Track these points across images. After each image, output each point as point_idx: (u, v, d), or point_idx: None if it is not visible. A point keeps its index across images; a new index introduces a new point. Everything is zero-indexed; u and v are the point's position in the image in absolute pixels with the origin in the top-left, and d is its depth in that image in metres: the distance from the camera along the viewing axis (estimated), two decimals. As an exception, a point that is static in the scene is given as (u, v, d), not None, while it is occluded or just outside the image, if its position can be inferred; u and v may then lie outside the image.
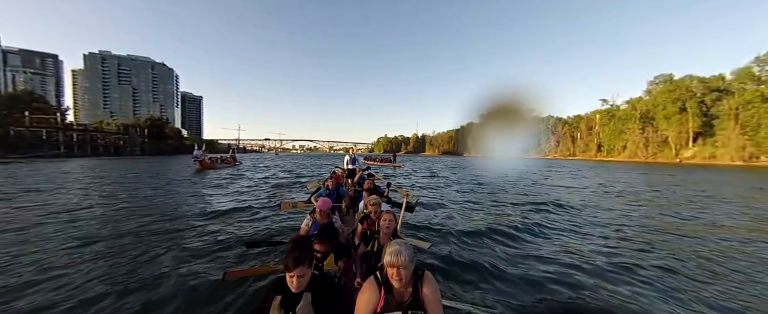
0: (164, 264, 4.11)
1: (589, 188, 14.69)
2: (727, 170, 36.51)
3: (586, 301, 3.14)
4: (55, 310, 3.02)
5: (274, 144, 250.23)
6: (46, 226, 6.36)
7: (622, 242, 5.48)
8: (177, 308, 3.03)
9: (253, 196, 10.86)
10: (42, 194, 10.96)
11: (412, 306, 1.48)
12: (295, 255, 1.49)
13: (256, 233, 5.84)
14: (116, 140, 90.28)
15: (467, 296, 3.22)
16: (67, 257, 4.47)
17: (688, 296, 3.46)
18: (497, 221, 6.79)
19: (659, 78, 73.57)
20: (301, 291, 1.55)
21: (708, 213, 8.41)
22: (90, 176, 19.21)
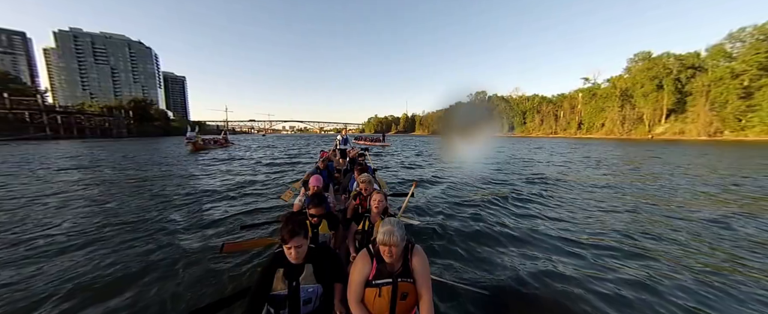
0: (164, 240, 4.24)
1: (560, 163, 15.69)
2: (693, 144, 38.86)
3: (561, 280, 3.15)
4: (60, 282, 3.12)
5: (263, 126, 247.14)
6: (49, 206, 6.54)
7: (599, 216, 5.68)
8: (178, 280, 3.10)
9: (248, 176, 10.98)
10: (41, 174, 11.25)
11: (401, 275, 1.58)
12: (290, 228, 1.57)
13: (252, 211, 5.94)
14: (101, 122, 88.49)
15: (452, 272, 3.29)
16: (70, 234, 4.61)
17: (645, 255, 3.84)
18: (481, 200, 6.95)
19: (638, 55, 75.99)
20: (302, 262, 1.65)
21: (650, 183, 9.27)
22: (82, 157, 19.19)
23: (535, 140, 57.81)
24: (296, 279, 1.62)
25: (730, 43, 60.77)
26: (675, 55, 69.24)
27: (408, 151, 26.05)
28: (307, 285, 1.64)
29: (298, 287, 1.62)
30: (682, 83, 67.44)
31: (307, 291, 1.65)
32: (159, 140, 59.94)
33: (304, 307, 1.65)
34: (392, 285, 1.56)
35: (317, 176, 3.41)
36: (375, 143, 34.21)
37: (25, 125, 70.31)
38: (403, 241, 1.55)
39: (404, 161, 17.10)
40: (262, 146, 35.74)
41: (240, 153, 22.88)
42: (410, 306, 1.63)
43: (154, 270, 3.34)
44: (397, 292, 1.57)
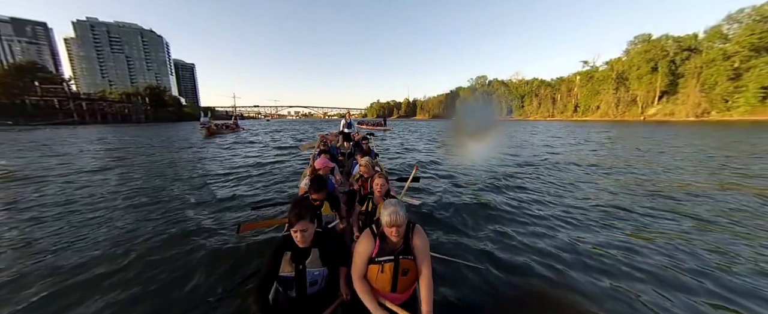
0: (185, 219, 4.45)
1: (555, 144, 16.11)
2: (680, 125, 40.01)
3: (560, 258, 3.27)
4: (84, 256, 3.36)
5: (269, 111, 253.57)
6: (80, 183, 7.08)
7: (590, 193, 5.87)
8: (199, 259, 3.25)
9: (260, 158, 11.57)
10: (80, 155, 12.46)
11: (403, 252, 1.67)
12: (296, 211, 1.63)
13: (265, 191, 6.30)
14: (121, 109, 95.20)
15: (450, 248, 3.48)
16: (97, 211, 4.91)
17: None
18: (479, 180, 7.19)
19: (638, 38, 75.83)
20: (309, 246, 1.71)
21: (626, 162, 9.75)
22: (109, 141, 20.72)
23: (532, 123, 59.08)
24: (303, 262, 1.70)
25: (728, 25, 60.69)
26: (673, 38, 69.17)
27: (408, 135, 27.34)
28: (313, 268, 1.71)
29: (304, 270, 1.69)
30: (677, 65, 67.83)
31: (313, 274, 1.72)
32: (174, 125, 63.52)
33: (310, 288, 1.74)
34: (394, 262, 1.65)
35: (323, 159, 3.44)
36: (377, 127, 34.60)
37: (55, 111, 77.45)
38: (406, 219, 1.63)
39: (403, 143, 18.06)
40: (270, 131, 36.79)
41: (251, 138, 23.86)
42: (411, 281, 1.72)
43: (172, 247, 3.50)
44: (399, 268, 1.65)
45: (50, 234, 4.05)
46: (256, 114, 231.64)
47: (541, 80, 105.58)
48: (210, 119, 30.87)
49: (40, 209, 5.22)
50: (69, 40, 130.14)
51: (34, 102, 74.21)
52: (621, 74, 77.96)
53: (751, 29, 54.49)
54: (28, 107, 71.72)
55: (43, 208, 5.26)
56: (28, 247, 3.69)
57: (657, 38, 71.70)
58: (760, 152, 11.75)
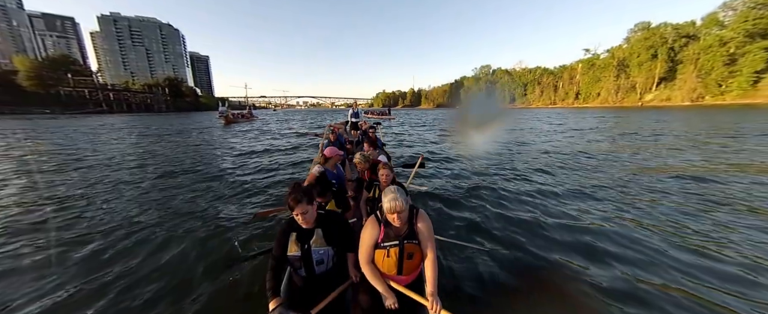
0: (205, 204, 4.80)
1: (556, 130, 16.82)
2: (676, 110, 41.23)
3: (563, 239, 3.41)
4: (110, 231, 3.77)
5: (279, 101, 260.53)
6: (111, 166, 7.95)
7: (590, 178, 6.10)
8: (217, 242, 3.46)
9: (274, 146, 12.28)
10: (112, 143, 13.80)
11: (407, 237, 1.72)
12: (293, 196, 1.69)
13: (279, 177, 6.76)
14: (144, 99, 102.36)
15: (455, 232, 3.62)
16: (124, 192, 5.55)
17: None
18: (484, 165, 7.43)
19: (638, 26, 75.97)
20: (312, 227, 1.80)
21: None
22: (136, 128, 22.78)
23: (534, 111, 60.00)
24: (307, 242, 1.78)
25: (724, 12, 60.92)
26: (672, 25, 69.44)
27: (411, 122, 29.02)
28: (318, 247, 1.79)
29: (309, 249, 1.77)
30: (675, 51, 68.31)
31: (319, 253, 1.79)
32: (193, 115, 67.18)
33: (317, 267, 1.82)
34: (399, 247, 1.70)
35: (333, 148, 3.46)
36: (382, 116, 36.24)
37: (86, 101, 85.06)
38: (407, 204, 1.67)
39: (408, 130, 19.16)
40: (281, 120, 38.16)
41: (264, 126, 25.22)
42: (416, 264, 1.78)
43: (192, 230, 3.80)
44: (404, 252, 1.71)
45: (103, 209, 4.66)
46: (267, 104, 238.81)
47: (544, 68, 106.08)
48: (228, 109, 33.32)
49: (99, 185, 6.12)
50: (94, 34, 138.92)
51: (67, 93, 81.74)
52: (622, 61, 78.55)
53: (745, 16, 54.98)
54: (62, 97, 79.31)
55: (102, 184, 6.17)
56: (83, 218, 4.27)
57: (656, 26, 71.87)
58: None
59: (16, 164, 8.63)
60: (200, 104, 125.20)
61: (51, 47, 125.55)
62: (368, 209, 2.83)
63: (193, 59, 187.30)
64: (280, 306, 1.65)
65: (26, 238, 3.69)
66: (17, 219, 4.31)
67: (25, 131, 20.66)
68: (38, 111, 66.31)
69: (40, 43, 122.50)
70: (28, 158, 9.82)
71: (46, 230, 3.94)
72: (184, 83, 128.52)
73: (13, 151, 11.44)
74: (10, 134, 18.82)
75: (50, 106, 72.75)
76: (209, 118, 43.64)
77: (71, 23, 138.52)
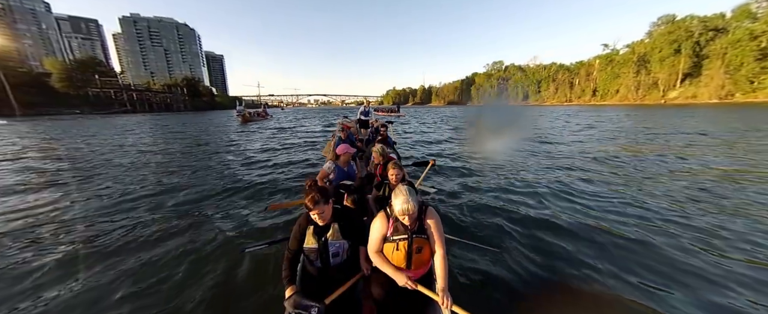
0: (222, 197, 5.07)
1: (569, 129, 16.58)
2: (704, 108, 39.19)
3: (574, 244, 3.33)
4: (126, 225, 3.98)
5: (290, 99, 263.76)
6: (135, 163, 8.58)
7: (602, 179, 5.95)
8: (232, 230, 3.63)
9: (289, 143, 12.79)
10: (158, 136, 15.96)
11: (416, 232, 1.76)
12: (311, 196, 1.76)
13: (292, 172, 7.06)
14: (164, 98, 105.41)
15: (465, 231, 3.63)
16: (145, 186, 5.94)
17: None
18: (497, 166, 7.39)
19: (662, 19, 73.20)
20: (328, 223, 1.88)
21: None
22: (165, 126, 24.43)
23: (548, 109, 58.26)
24: (324, 235, 1.86)
25: (757, 3, 58.02)
26: (699, 18, 66.60)
27: (420, 119, 30.07)
28: (334, 241, 1.88)
29: (326, 242, 1.86)
30: (701, 46, 65.59)
31: (335, 246, 1.89)
32: (211, 113, 68.53)
33: (333, 259, 1.91)
34: (408, 240, 1.74)
35: (345, 145, 3.51)
36: (391, 113, 37.53)
37: (112, 101, 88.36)
38: (417, 205, 1.70)
39: (417, 129, 19.69)
40: (294, 118, 39.15)
41: (279, 124, 26.24)
42: (425, 259, 1.81)
43: (207, 220, 4.01)
44: (413, 246, 1.74)
45: (125, 199, 5.11)
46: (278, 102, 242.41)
47: (560, 64, 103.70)
48: (244, 108, 34.49)
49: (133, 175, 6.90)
50: (116, 35, 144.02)
51: (95, 93, 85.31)
52: (642, 57, 76.03)
53: (782, 6, 52.26)
54: (90, 98, 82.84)
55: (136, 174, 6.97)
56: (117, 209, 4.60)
57: (681, 19, 69.11)
58: None
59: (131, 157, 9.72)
60: (216, 103, 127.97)
61: (76, 49, 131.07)
62: (377, 207, 2.84)
63: (208, 58, 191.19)
64: (296, 294, 1.75)
65: (63, 226, 4.07)
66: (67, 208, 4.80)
67: (85, 129, 22.17)
68: (68, 111, 69.22)
69: (66, 45, 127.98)
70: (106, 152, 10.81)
71: (72, 218, 4.33)
72: (201, 82, 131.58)
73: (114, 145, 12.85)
74: (76, 132, 19.89)
75: (80, 106, 75.81)
76: (226, 116, 44.99)
77: (95, 25, 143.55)
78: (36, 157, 10.24)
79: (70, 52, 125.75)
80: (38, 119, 42.69)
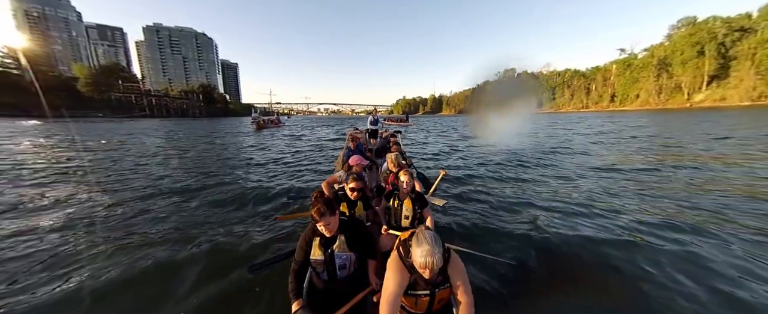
0: (232, 205, 5.02)
1: (590, 136, 15.89)
2: (735, 110, 37.79)
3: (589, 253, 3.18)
4: (130, 228, 3.99)
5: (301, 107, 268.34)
6: (149, 167, 8.70)
7: (630, 194, 5.26)
8: (237, 241, 3.54)
9: (301, 152, 12.72)
10: (163, 140, 16.72)
11: (439, 284, 1.56)
12: (317, 208, 1.70)
13: (302, 182, 7.03)
14: (181, 104, 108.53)
15: (481, 244, 3.41)
16: (155, 190, 5.94)
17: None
18: (513, 171, 7.15)
19: (682, 21, 71.56)
20: (335, 234, 1.82)
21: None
22: (185, 131, 25.35)
23: (564, 116, 55.53)
24: (330, 247, 1.81)
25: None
26: (722, 19, 64.82)
27: (430, 129, 29.76)
28: (340, 253, 1.82)
29: (332, 254, 1.81)
30: (727, 47, 63.56)
31: (341, 258, 1.83)
32: (225, 120, 69.49)
33: (340, 272, 1.86)
34: (430, 296, 1.56)
35: (358, 156, 3.51)
36: (400, 123, 37.50)
37: (132, 106, 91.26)
38: (442, 257, 1.43)
39: (426, 137, 19.44)
40: (305, 127, 39.43)
41: (292, 132, 26.43)
42: (446, 299, 1.66)
43: (215, 230, 3.92)
44: (435, 298, 1.58)
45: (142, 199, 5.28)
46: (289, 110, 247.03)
47: (575, 70, 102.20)
48: (259, 115, 35.18)
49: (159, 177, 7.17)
50: (139, 43, 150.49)
51: (117, 98, 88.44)
52: (663, 60, 74.14)
53: (815, 4, 50.29)
54: (113, 102, 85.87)
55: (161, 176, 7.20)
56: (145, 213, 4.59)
57: (703, 20, 67.40)
58: None
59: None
60: (229, 110, 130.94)
61: (101, 55, 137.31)
62: (386, 218, 2.77)
63: (223, 66, 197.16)
64: (303, 308, 1.70)
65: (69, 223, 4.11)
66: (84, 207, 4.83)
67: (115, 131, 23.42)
68: (93, 114, 71.63)
69: (93, 51, 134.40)
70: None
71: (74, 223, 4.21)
72: (216, 89, 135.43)
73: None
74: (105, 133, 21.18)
75: (102, 110, 78.56)
76: (240, 123, 46.64)
77: (120, 33, 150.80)
78: (74, 155, 10.80)
79: (95, 57, 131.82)
80: (67, 121, 44.08)
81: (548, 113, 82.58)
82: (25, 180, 6.73)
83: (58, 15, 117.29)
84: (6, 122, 38.18)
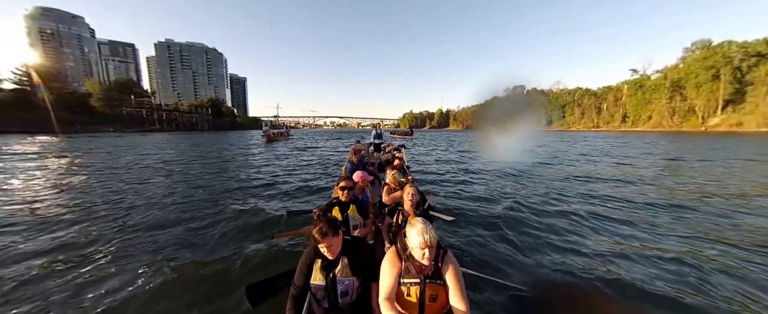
0: (229, 220, 4.93)
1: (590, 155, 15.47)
2: (753, 136, 37.76)
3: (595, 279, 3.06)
4: (123, 245, 3.93)
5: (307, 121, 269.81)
6: (156, 177, 8.89)
7: (639, 216, 5.14)
8: (234, 259, 3.46)
9: (308, 164, 12.83)
10: (170, 154, 16.93)
11: (431, 277, 1.58)
12: (319, 228, 1.62)
13: (304, 196, 6.86)
14: (190, 118, 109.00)
15: (483, 265, 3.28)
16: (157, 203, 5.91)
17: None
18: (513, 195, 6.73)
19: (696, 44, 71.70)
20: (338, 256, 1.71)
21: None
22: (189, 144, 25.49)
23: (574, 135, 54.85)
24: (332, 271, 1.70)
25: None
26: (738, 44, 64.89)
27: (435, 142, 30.45)
28: (343, 277, 1.70)
29: (334, 279, 1.70)
30: (743, 72, 63.32)
31: (344, 284, 1.71)
32: (234, 133, 70.07)
33: (342, 298, 1.73)
34: (420, 285, 1.57)
35: (362, 172, 3.46)
36: (405, 136, 39.90)
37: (143, 120, 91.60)
38: (436, 240, 1.54)
39: (430, 152, 19.86)
40: (313, 139, 39.71)
41: (300, 145, 27.42)
42: (441, 308, 1.61)
43: (212, 247, 3.89)
44: (426, 293, 1.57)
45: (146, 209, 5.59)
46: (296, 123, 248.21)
47: (586, 88, 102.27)
48: (269, 128, 36.30)
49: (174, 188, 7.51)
50: (150, 59, 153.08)
51: (129, 112, 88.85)
52: (676, 82, 73.90)
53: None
54: (124, 117, 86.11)
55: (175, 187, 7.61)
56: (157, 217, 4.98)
57: (719, 44, 67.51)
58: None
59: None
60: (237, 123, 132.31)
61: (112, 70, 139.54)
62: (390, 236, 2.72)
63: (232, 81, 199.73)
64: None
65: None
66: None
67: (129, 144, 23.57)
68: (104, 129, 71.64)
69: (104, 66, 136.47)
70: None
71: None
72: (224, 104, 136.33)
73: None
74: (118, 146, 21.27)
75: (113, 124, 78.61)
76: (250, 136, 47.75)
77: (132, 49, 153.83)
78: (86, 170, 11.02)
79: (106, 73, 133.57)
80: (78, 136, 44.48)
81: (557, 131, 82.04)
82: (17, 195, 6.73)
83: (71, 32, 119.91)
84: (17, 137, 37.82)
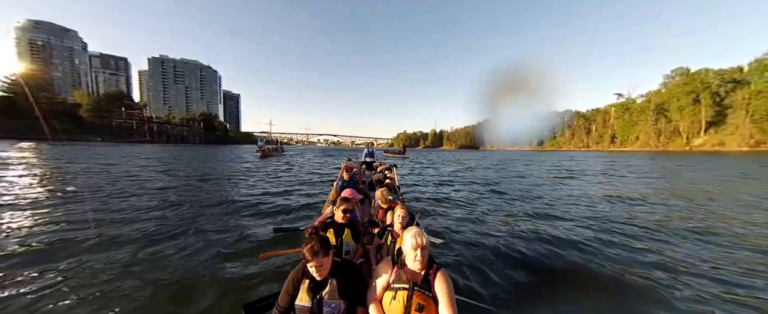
0: (216, 237, 4.69)
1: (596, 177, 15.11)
2: (735, 156, 39.80)
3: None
4: (104, 264, 3.58)
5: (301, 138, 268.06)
6: (144, 195, 8.06)
7: (627, 234, 5.15)
8: (215, 283, 3.24)
9: (300, 180, 12.49)
10: (158, 166, 16.06)
11: (421, 285, 1.58)
12: (310, 246, 1.59)
13: (291, 213, 6.59)
14: (181, 131, 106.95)
15: (472, 291, 3.22)
16: (142, 219, 5.56)
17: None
18: (505, 217, 6.69)
19: (675, 72, 77.11)
20: (326, 278, 1.67)
21: None
22: (177, 157, 24.70)
23: (566, 154, 57.23)
24: (319, 293, 1.66)
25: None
26: (714, 71, 70.25)
27: (421, 161, 31.20)
28: (330, 300, 1.66)
29: (321, 301, 1.65)
30: (721, 96, 68.00)
31: (330, 306, 1.66)
32: (225, 147, 68.59)
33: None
34: (408, 291, 1.57)
35: (351, 190, 3.38)
36: (397, 155, 39.98)
37: (133, 132, 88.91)
38: (429, 243, 1.61)
39: (421, 172, 19.40)
40: (306, 156, 39.33)
41: (294, 160, 27.49)
42: None
43: (192, 269, 3.59)
44: (412, 300, 1.56)
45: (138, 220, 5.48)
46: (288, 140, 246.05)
47: (575, 111, 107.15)
48: (265, 144, 36.68)
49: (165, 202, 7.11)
50: (142, 73, 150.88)
51: (118, 124, 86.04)
52: (660, 105, 78.43)
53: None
54: (114, 128, 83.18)
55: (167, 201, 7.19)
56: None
57: (696, 71, 72.85)
58: None
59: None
60: (229, 138, 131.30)
61: (102, 83, 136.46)
62: (379, 257, 2.62)
63: (225, 97, 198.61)
64: None
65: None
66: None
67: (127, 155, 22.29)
68: (92, 139, 69.26)
69: (93, 78, 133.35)
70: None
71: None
72: (216, 118, 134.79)
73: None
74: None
75: (102, 135, 76.23)
76: (244, 150, 47.86)
77: (124, 62, 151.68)
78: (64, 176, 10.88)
79: (95, 85, 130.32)
80: (67, 144, 43.98)
81: (550, 151, 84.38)
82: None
83: (63, 44, 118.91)
84: (5, 143, 36.79)
